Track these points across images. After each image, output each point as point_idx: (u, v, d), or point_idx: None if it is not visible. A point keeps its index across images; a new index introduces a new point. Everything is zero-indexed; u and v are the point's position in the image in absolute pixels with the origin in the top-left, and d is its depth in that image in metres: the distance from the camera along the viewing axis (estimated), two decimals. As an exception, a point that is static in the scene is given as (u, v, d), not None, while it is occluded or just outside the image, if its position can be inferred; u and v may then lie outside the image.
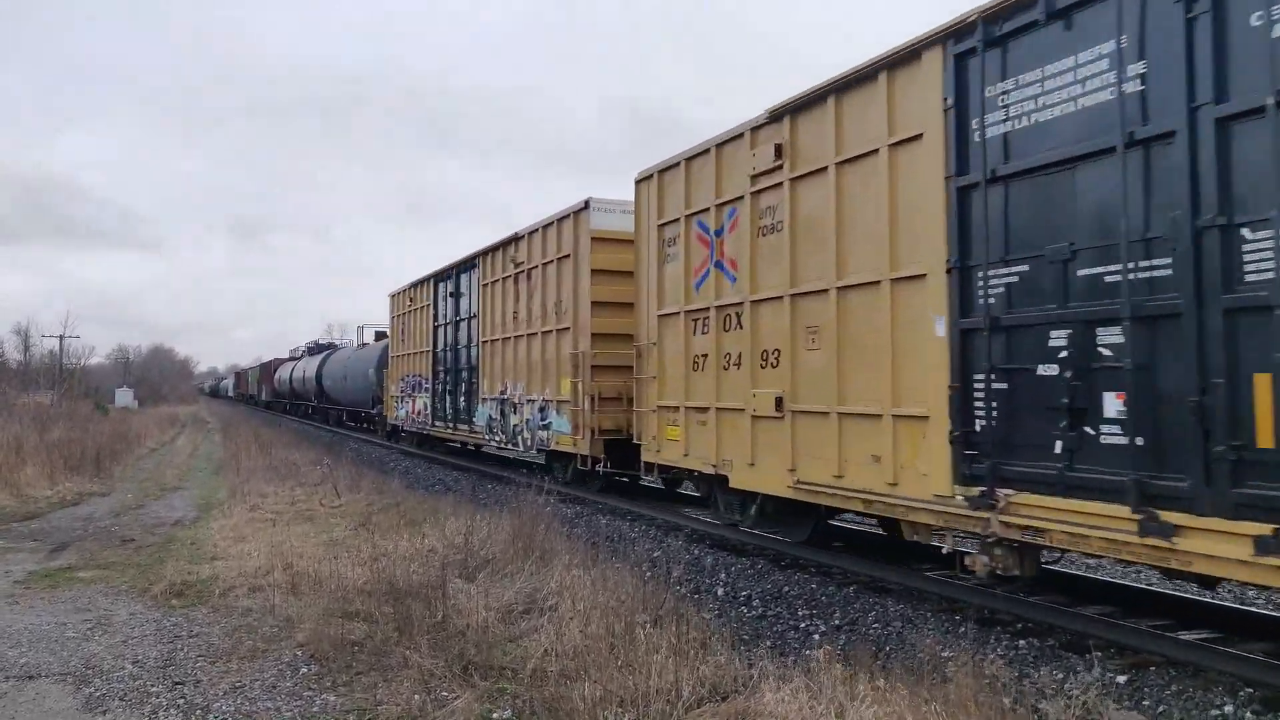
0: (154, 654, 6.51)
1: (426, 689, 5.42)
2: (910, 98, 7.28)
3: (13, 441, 21.02)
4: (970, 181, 6.69)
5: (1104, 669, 5.72)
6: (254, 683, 5.84)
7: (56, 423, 30.75)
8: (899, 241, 7.37)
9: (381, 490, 15.05)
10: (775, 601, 7.91)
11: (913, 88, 7.25)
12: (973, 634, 6.59)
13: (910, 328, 7.22)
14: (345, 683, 5.79)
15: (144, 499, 16.31)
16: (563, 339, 14.00)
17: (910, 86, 7.28)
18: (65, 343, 66.74)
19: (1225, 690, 5.35)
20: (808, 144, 8.51)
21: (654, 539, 10.69)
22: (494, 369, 16.93)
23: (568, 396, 13.57)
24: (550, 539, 9.14)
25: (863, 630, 7.01)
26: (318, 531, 11.25)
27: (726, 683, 5.29)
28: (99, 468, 19.96)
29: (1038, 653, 6.16)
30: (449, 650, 6.02)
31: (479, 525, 10.08)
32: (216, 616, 7.52)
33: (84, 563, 10.04)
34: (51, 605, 8.07)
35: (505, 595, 7.37)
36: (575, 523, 11.84)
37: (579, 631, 6.13)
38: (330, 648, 6.32)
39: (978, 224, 6.63)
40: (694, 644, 5.80)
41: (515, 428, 15.84)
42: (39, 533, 12.40)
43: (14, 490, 15.87)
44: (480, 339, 17.69)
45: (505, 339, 16.36)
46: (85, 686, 5.87)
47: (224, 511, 13.31)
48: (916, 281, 7.18)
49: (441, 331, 20.45)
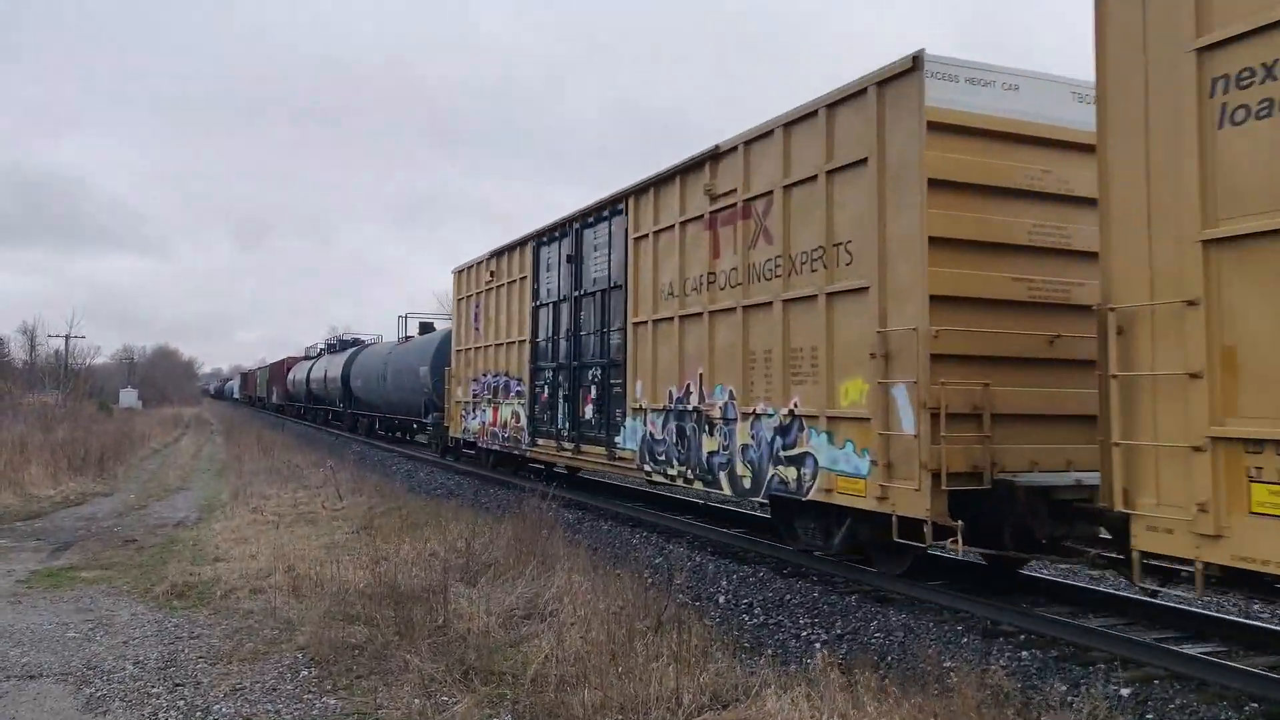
0: (155, 655, 6.51)
1: (427, 693, 5.41)
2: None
3: (17, 441, 21.08)
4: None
5: (1108, 682, 5.69)
6: (254, 685, 5.84)
7: (61, 422, 30.82)
8: None
9: (384, 493, 15.07)
10: (777, 609, 7.89)
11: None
12: (975, 644, 6.56)
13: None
14: (345, 686, 5.78)
15: (147, 499, 16.33)
16: (843, 310, 8.15)
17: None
18: (71, 343, 66.90)
19: (1230, 705, 5.31)
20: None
21: (656, 545, 10.66)
22: (658, 364, 11.07)
23: (860, 408, 7.84)
24: (552, 544, 9.13)
25: (864, 639, 6.98)
26: (319, 534, 11.25)
27: (727, 691, 5.27)
28: (102, 468, 20.00)
29: (1041, 664, 6.13)
30: (450, 655, 6.02)
31: (481, 529, 10.08)
32: (218, 618, 7.52)
33: (86, 563, 10.05)
34: (53, 605, 8.07)
35: (506, 600, 7.35)
36: (577, 528, 11.82)
37: (580, 638, 6.12)
38: (331, 651, 6.31)
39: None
40: (695, 652, 5.79)
41: (714, 456, 9.85)
42: (42, 532, 12.41)
43: (18, 489, 15.90)
44: (629, 320, 11.76)
45: (685, 317, 10.47)
46: (86, 687, 5.87)
47: (226, 513, 13.32)
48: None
49: (546, 314, 14.72)
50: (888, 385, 7.49)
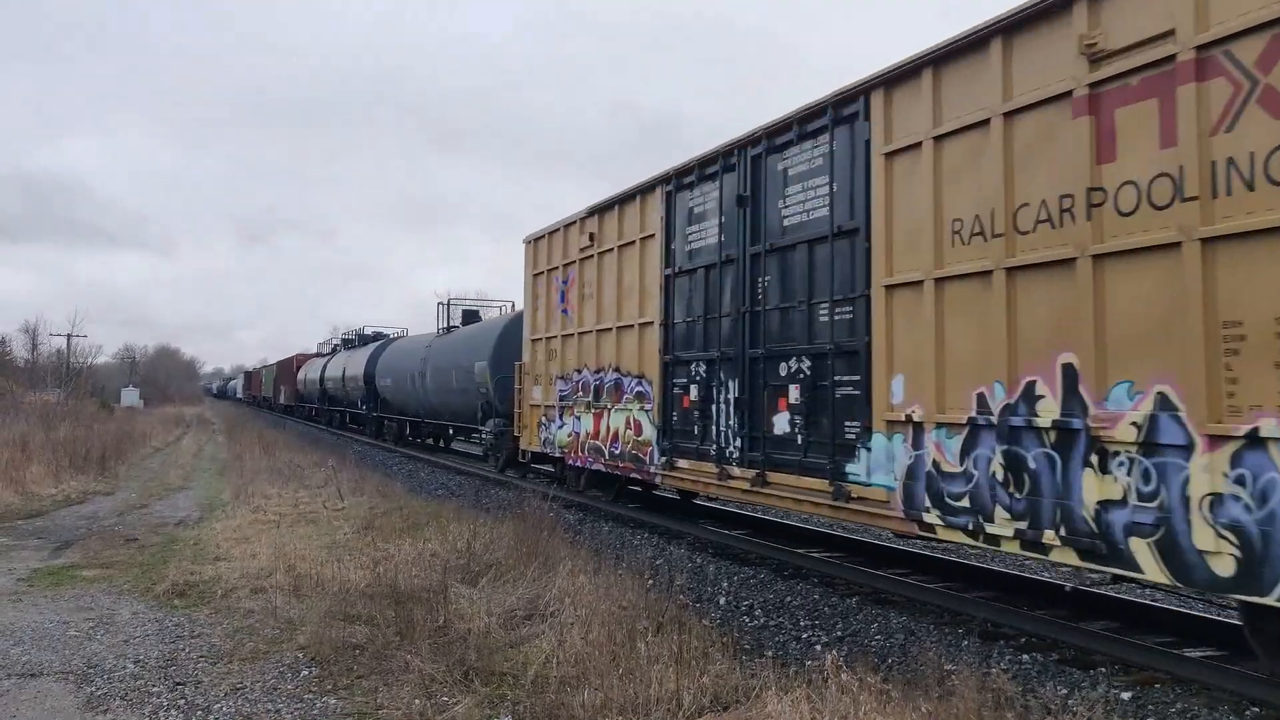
0: (155, 654, 6.52)
1: (427, 694, 5.41)
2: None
3: (19, 439, 21.09)
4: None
5: (1109, 685, 5.69)
6: (255, 684, 5.84)
7: (62, 421, 30.82)
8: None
9: (385, 493, 15.06)
10: (777, 611, 7.89)
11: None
12: (976, 647, 6.56)
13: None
14: (346, 686, 5.78)
15: (148, 498, 16.34)
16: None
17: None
18: (72, 342, 66.95)
19: (1231, 708, 5.31)
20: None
21: (657, 547, 10.66)
22: (946, 348, 6.96)
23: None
24: (553, 545, 9.12)
25: (865, 641, 6.98)
26: (320, 534, 11.25)
27: (728, 692, 5.27)
28: (103, 467, 20.03)
29: (1042, 667, 6.13)
30: (450, 655, 6.02)
31: (482, 530, 10.08)
32: (218, 617, 7.52)
33: (87, 561, 10.06)
34: (54, 603, 8.08)
35: (507, 601, 7.35)
36: (579, 529, 11.82)
37: (580, 638, 6.11)
38: (331, 651, 6.31)
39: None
40: (696, 653, 5.78)
41: (1116, 511, 5.58)
42: (43, 531, 12.42)
43: (19, 488, 15.91)
44: (875, 283, 7.65)
45: (1016, 270, 6.37)
46: (87, 685, 5.87)
47: (227, 512, 13.33)
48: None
49: (689, 285, 10.60)
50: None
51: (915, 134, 7.27)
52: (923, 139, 7.17)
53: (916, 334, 7.17)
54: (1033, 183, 6.25)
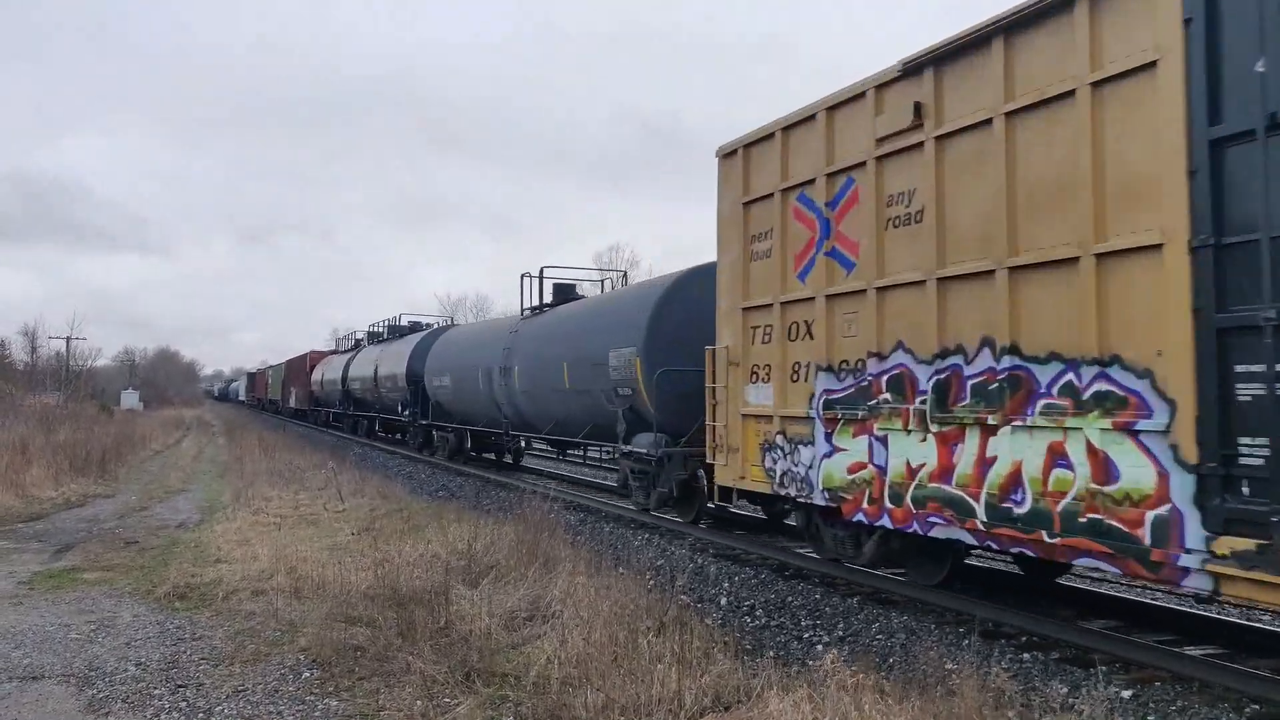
0: (157, 656, 6.52)
1: (429, 695, 5.42)
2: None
3: (19, 442, 21.08)
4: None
5: (1110, 684, 5.69)
6: (256, 687, 5.85)
7: (62, 424, 30.82)
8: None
9: (385, 495, 15.07)
10: (779, 612, 7.89)
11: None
12: (977, 646, 6.55)
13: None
14: (347, 688, 5.79)
15: (148, 501, 16.34)
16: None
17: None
18: (72, 344, 66.95)
19: (1231, 707, 5.32)
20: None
21: (658, 548, 10.66)
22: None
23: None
24: (554, 546, 9.13)
25: (866, 641, 6.98)
26: (321, 536, 11.26)
27: (729, 692, 5.28)
28: (104, 470, 20.04)
29: (1043, 666, 6.13)
30: (452, 656, 6.02)
31: (483, 531, 10.08)
32: (219, 620, 7.52)
33: (88, 564, 10.06)
34: (55, 606, 8.08)
35: (508, 602, 7.36)
36: (580, 530, 11.82)
37: (582, 639, 6.12)
38: (333, 653, 6.32)
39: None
40: (697, 653, 5.79)
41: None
42: (43, 534, 12.42)
43: (19, 491, 15.92)
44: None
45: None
46: (88, 688, 5.87)
47: (228, 515, 13.33)
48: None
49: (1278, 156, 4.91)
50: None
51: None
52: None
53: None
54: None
